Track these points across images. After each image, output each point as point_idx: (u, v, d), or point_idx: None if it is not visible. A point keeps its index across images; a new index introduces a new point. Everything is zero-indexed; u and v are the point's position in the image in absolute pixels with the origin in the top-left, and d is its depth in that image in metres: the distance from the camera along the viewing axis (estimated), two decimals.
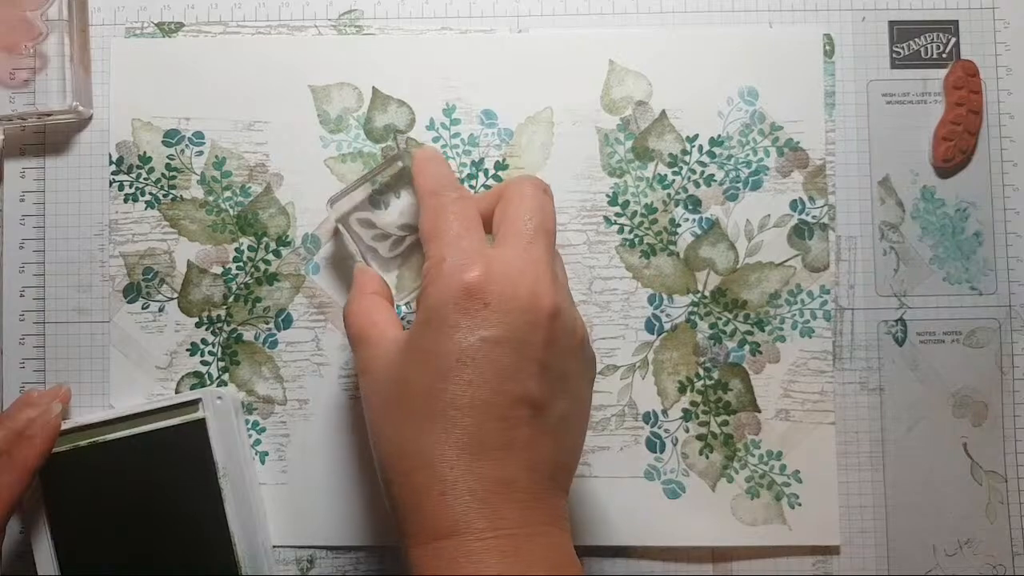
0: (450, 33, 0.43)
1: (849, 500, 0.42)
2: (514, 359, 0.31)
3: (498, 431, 0.31)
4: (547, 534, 0.31)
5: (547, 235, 0.34)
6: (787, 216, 0.43)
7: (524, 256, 0.33)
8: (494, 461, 0.31)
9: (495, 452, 0.31)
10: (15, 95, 0.43)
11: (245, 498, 0.40)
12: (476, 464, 0.31)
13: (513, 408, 0.31)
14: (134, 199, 0.43)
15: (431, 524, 0.31)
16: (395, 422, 0.32)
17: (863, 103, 0.43)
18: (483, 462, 0.31)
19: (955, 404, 0.42)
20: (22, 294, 0.42)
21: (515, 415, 0.31)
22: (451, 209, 0.34)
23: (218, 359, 0.42)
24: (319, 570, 0.42)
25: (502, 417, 0.31)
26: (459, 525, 0.30)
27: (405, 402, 0.32)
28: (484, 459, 0.31)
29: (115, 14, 0.43)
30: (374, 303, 0.36)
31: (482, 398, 0.31)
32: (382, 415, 0.33)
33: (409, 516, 0.31)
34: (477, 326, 0.31)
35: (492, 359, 0.31)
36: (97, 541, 0.40)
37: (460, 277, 0.32)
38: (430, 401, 0.31)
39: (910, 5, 0.43)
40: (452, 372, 0.31)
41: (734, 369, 0.42)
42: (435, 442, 0.31)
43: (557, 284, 0.33)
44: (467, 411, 0.31)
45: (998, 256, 0.43)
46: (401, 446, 0.32)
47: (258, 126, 0.43)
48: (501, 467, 0.31)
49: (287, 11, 0.43)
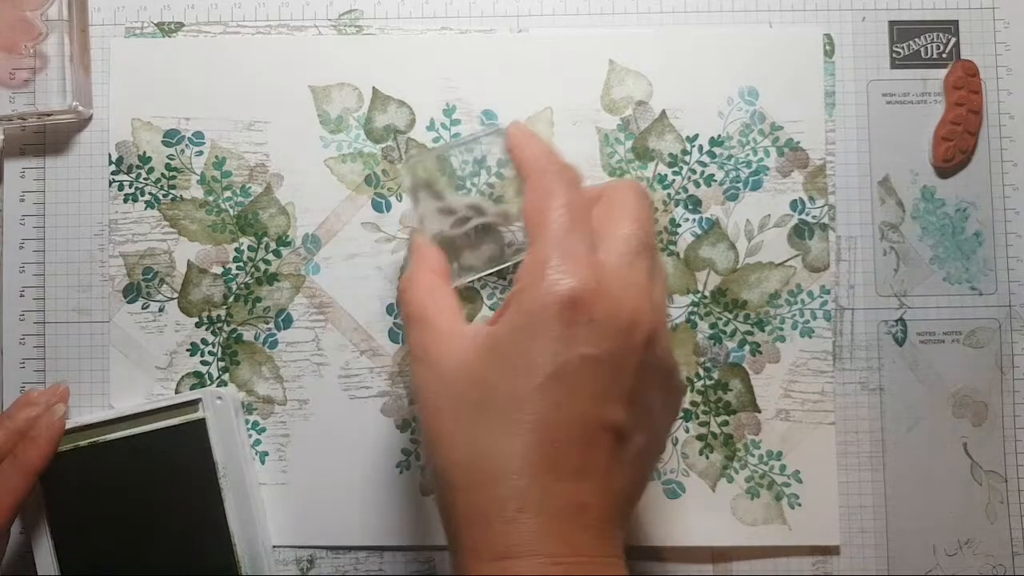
0: (450, 33, 0.43)
1: (849, 500, 0.42)
2: (608, 382, 0.30)
3: (580, 454, 0.29)
4: (615, 566, 0.30)
5: (650, 252, 0.32)
6: (787, 216, 0.43)
7: (629, 273, 0.31)
8: (572, 483, 0.29)
9: (573, 474, 0.29)
10: (15, 95, 0.43)
11: (245, 498, 0.40)
12: (555, 484, 0.29)
13: (599, 433, 0.30)
14: (134, 199, 0.43)
15: (502, 541, 0.29)
16: (469, 427, 0.30)
17: (863, 103, 0.43)
18: (562, 483, 0.29)
19: (955, 404, 0.42)
20: (22, 294, 0.42)
21: (599, 441, 0.30)
22: (561, 195, 0.31)
23: (218, 359, 0.42)
24: (319, 570, 0.42)
25: (586, 441, 0.29)
26: (533, 546, 0.28)
27: (484, 408, 0.30)
28: (563, 480, 0.29)
29: (115, 14, 0.43)
30: (439, 284, 0.34)
31: (572, 418, 0.29)
32: (451, 418, 0.31)
33: (474, 530, 0.29)
34: (579, 342, 0.29)
35: (586, 378, 0.29)
36: (97, 541, 0.40)
37: (568, 285, 0.29)
38: (513, 411, 0.29)
39: (910, 5, 0.43)
40: (546, 386, 0.29)
41: (734, 369, 0.42)
42: (515, 455, 0.29)
43: (655, 307, 0.31)
44: (554, 428, 0.29)
45: (998, 256, 0.43)
46: (475, 454, 0.30)
47: (258, 126, 0.43)
48: (578, 491, 0.29)
49: (287, 11, 0.43)
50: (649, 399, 0.31)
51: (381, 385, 0.42)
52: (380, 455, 0.42)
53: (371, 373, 0.42)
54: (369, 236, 0.42)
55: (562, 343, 0.29)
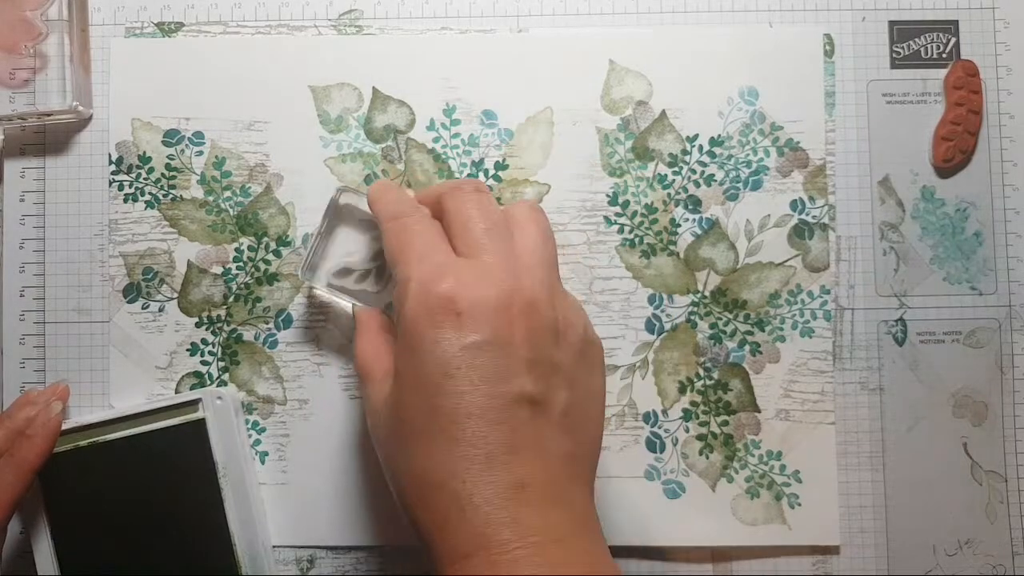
0: (450, 33, 0.43)
1: (849, 500, 0.42)
2: (500, 361, 0.31)
3: (501, 435, 0.30)
4: (574, 537, 0.31)
5: (499, 231, 0.34)
6: (787, 216, 0.43)
7: (484, 257, 0.33)
8: (504, 467, 0.30)
9: (503, 457, 0.30)
10: (15, 95, 0.43)
11: (245, 498, 0.40)
12: (487, 474, 0.30)
13: (510, 409, 0.31)
14: (134, 199, 0.43)
15: (455, 543, 0.30)
16: (402, 449, 0.32)
17: (863, 103, 0.43)
18: (494, 471, 0.30)
19: (955, 404, 0.42)
20: (22, 294, 0.42)
21: (515, 416, 0.31)
22: (412, 229, 0.35)
23: (218, 359, 0.42)
24: (319, 570, 0.42)
25: (501, 421, 0.31)
26: (483, 539, 0.30)
27: (406, 427, 0.32)
28: (494, 467, 0.30)
29: (115, 14, 0.43)
30: (379, 339, 0.36)
31: (478, 405, 0.30)
32: (390, 446, 0.33)
33: (434, 539, 0.31)
34: (455, 336, 0.31)
35: (478, 365, 0.31)
36: (97, 541, 0.40)
37: (428, 291, 0.32)
38: (429, 421, 0.31)
39: (910, 5, 0.43)
40: (442, 387, 0.31)
41: (734, 369, 0.42)
42: (442, 460, 0.30)
43: (529, 275, 0.33)
44: (466, 422, 0.30)
45: (998, 256, 0.43)
46: (411, 472, 0.31)
47: (258, 126, 0.43)
48: (511, 471, 0.30)
49: (287, 11, 0.43)
50: (554, 359, 0.32)
51: None
52: None
53: None
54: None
55: (440, 345, 0.31)
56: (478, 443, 0.30)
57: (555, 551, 0.30)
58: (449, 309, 0.31)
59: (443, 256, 0.33)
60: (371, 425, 0.34)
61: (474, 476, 0.30)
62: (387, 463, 0.33)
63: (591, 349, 0.35)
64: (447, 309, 0.31)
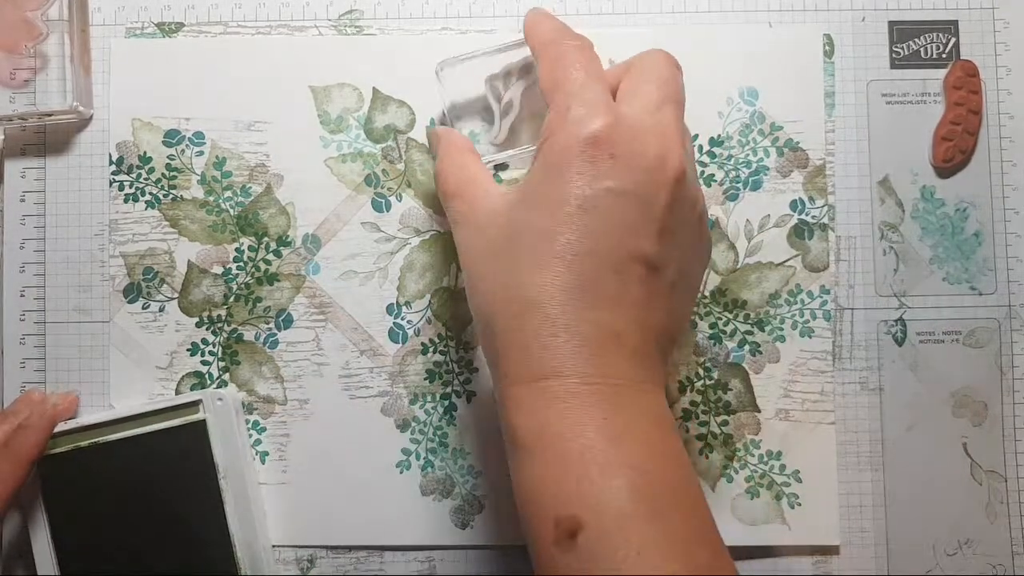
0: (450, 33, 0.43)
1: (849, 500, 0.42)
2: (636, 215, 0.31)
3: (612, 283, 0.31)
4: (651, 392, 0.31)
5: (676, 105, 0.34)
6: (787, 216, 0.43)
7: (653, 118, 0.32)
8: (606, 311, 0.31)
9: (607, 302, 0.31)
10: (15, 95, 0.43)
11: (245, 498, 0.40)
12: (588, 311, 0.30)
13: (629, 263, 0.31)
14: (134, 199, 0.43)
15: (537, 364, 0.30)
16: (504, 264, 0.32)
17: (863, 103, 0.43)
18: (596, 311, 0.30)
19: (955, 404, 0.42)
20: (22, 294, 0.42)
21: (630, 270, 0.31)
22: (574, 57, 0.33)
23: (218, 359, 0.42)
24: (319, 570, 0.42)
25: (617, 270, 0.31)
26: (566, 367, 0.30)
27: (517, 245, 0.32)
28: (597, 308, 0.30)
29: (115, 14, 0.43)
30: (469, 160, 0.36)
31: (601, 247, 0.31)
32: (487, 258, 0.33)
33: (512, 356, 0.31)
34: (603, 176, 0.31)
35: (615, 211, 0.31)
36: (97, 541, 0.40)
37: (587, 125, 0.31)
38: (546, 244, 0.31)
39: (910, 5, 0.43)
40: (573, 217, 0.31)
41: (734, 369, 0.42)
42: (548, 284, 0.31)
43: (685, 152, 0.33)
44: (584, 258, 0.31)
45: (998, 256, 0.43)
46: (510, 287, 0.31)
47: (258, 126, 0.43)
48: (612, 318, 0.31)
49: (287, 11, 0.43)
50: (681, 236, 0.33)
51: (381, 385, 0.42)
52: (380, 455, 0.42)
53: (371, 373, 0.42)
54: (369, 236, 0.42)
55: (587, 178, 0.31)
56: (589, 281, 0.31)
57: (630, 395, 0.30)
58: (605, 149, 0.31)
59: (604, 94, 0.32)
60: (465, 238, 0.34)
61: (575, 308, 0.30)
62: (478, 273, 0.33)
63: (706, 242, 0.35)
64: (602, 147, 0.31)
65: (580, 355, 0.30)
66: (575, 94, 0.32)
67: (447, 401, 0.42)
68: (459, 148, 0.37)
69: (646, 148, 0.31)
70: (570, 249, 0.31)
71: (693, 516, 0.30)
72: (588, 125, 0.31)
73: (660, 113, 0.33)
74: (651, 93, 0.33)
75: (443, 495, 0.42)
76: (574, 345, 0.30)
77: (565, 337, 0.30)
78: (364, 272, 0.42)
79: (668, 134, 0.32)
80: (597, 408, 0.30)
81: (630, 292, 0.31)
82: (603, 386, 0.30)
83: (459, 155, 0.36)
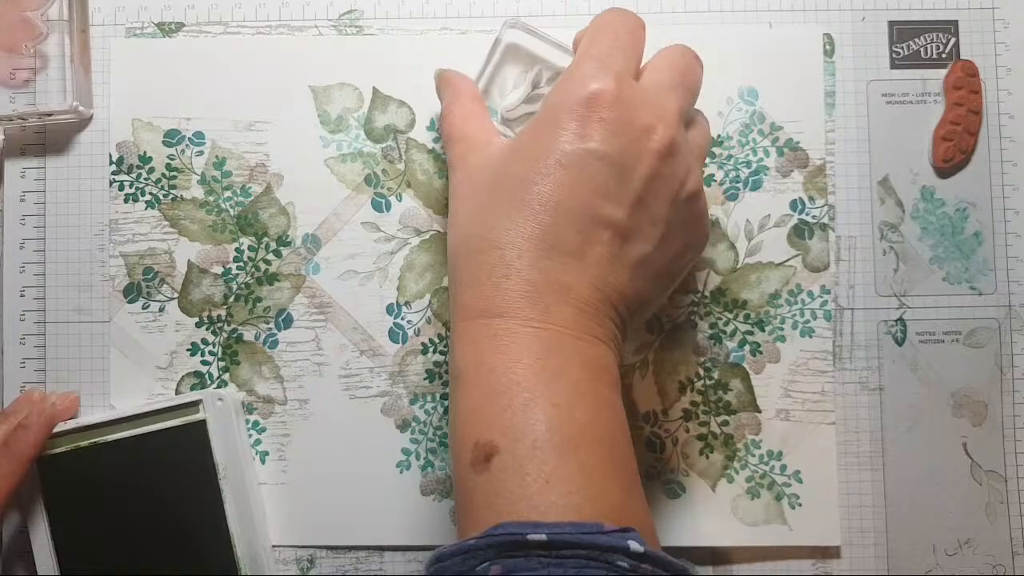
0: (450, 33, 0.43)
1: (849, 500, 0.42)
2: (611, 180, 0.32)
3: (574, 239, 0.32)
4: (594, 344, 0.32)
5: (687, 92, 0.35)
6: (787, 216, 0.43)
7: (655, 96, 0.33)
8: (561, 265, 0.31)
9: (564, 257, 0.32)
10: (15, 95, 0.43)
11: (245, 498, 0.40)
12: (543, 260, 0.31)
13: (594, 225, 0.32)
14: (134, 199, 0.43)
15: (485, 302, 0.32)
16: (479, 206, 0.33)
17: (863, 103, 0.43)
18: (550, 260, 0.31)
19: (955, 404, 0.42)
20: (22, 294, 0.42)
21: (594, 232, 0.32)
22: (616, 28, 0.34)
23: (218, 359, 0.42)
24: (319, 570, 0.42)
25: (580, 229, 0.32)
26: (511, 308, 0.31)
27: (495, 189, 0.33)
28: (552, 258, 0.31)
29: (115, 14, 0.43)
30: (475, 108, 0.37)
31: (568, 203, 0.31)
32: (469, 199, 0.34)
33: (466, 291, 0.32)
34: (588, 136, 0.32)
35: (591, 172, 0.32)
36: (97, 541, 0.40)
37: (588, 85, 0.32)
38: (520, 191, 0.32)
39: (910, 5, 0.43)
40: (551, 170, 0.32)
41: (734, 369, 0.42)
42: (510, 229, 0.32)
43: (680, 134, 0.33)
44: (551, 210, 0.31)
45: (998, 256, 0.43)
46: (476, 227, 0.33)
47: (258, 126, 0.43)
48: (566, 272, 0.32)
49: (287, 11, 0.43)
50: (660, 211, 0.33)
51: (381, 385, 0.42)
52: (380, 455, 0.42)
53: (371, 373, 0.42)
54: (369, 236, 0.42)
55: (573, 136, 0.32)
56: (550, 233, 0.31)
57: (571, 342, 0.31)
58: (597, 111, 0.32)
59: (618, 63, 0.33)
60: (456, 181, 0.35)
61: (531, 256, 0.31)
62: (457, 213, 0.34)
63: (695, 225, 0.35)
64: (596, 111, 0.32)
65: (526, 299, 0.31)
66: (593, 57, 0.33)
67: (447, 401, 0.42)
68: (469, 95, 0.37)
69: (636, 118, 0.32)
70: (540, 199, 0.32)
71: (610, 458, 0.31)
72: (588, 85, 0.32)
73: (665, 94, 0.33)
74: (663, 76, 0.34)
75: (443, 495, 0.42)
76: (522, 289, 0.31)
77: (515, 280, 0.31)
78: (364, 272, 0.42)
79: (664, 112, 0.33)
80: (532, 349, 0.31)
81: (591, 252, 0.32)
82: (542, 330, 0.31)
83: (469, 102, 0.37)
